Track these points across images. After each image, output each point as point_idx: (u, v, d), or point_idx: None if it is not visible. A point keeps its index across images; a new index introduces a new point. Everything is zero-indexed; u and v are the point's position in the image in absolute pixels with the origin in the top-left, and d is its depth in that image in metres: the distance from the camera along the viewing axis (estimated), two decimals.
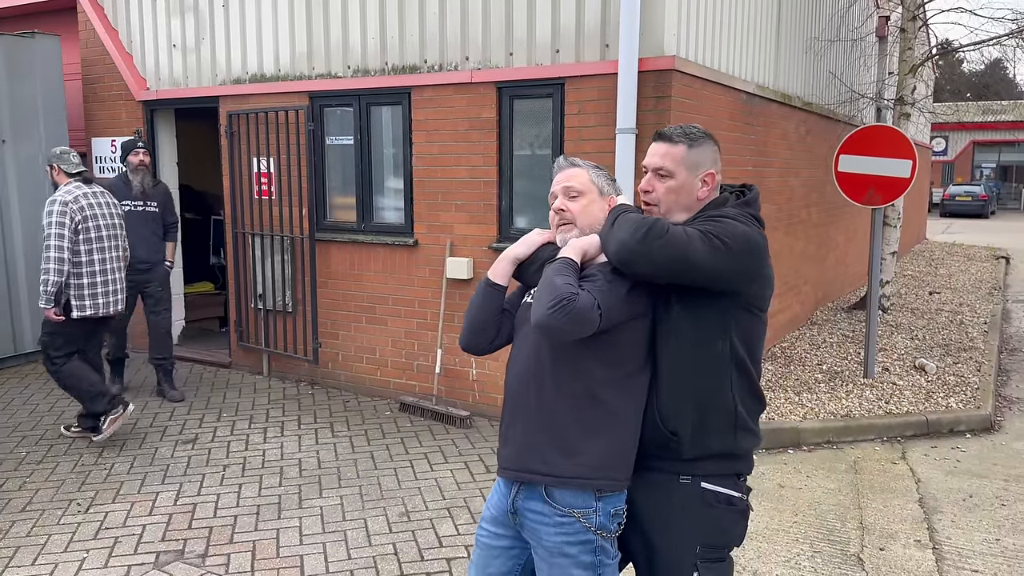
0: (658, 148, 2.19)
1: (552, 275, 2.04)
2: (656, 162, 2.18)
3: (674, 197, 2.16)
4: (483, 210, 5.92)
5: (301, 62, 6.65)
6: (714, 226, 2.03)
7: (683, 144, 2.16)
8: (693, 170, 2.16)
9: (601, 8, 5.34)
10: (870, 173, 6.64)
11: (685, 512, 2.12)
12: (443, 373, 6.19)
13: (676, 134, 2.18)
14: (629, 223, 2.04)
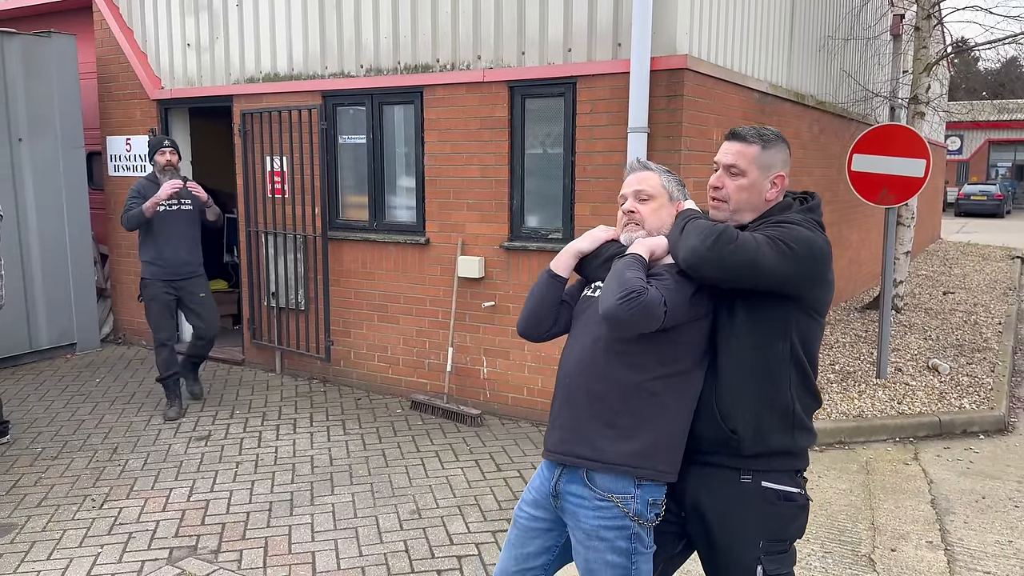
0: (732, 147, 2.26)
1: (623, 268, 2.12)
2: (729, 160, 2.24)
3: (744, 196, 2.23)
4: (494, 209, 5.93)
5: (314, 61, 6.68)
6: (781, 231, 2.09)
7: (757, 144, 2.23)
8: (764, 171, 2.23)
9: (613, 7, 5.34)
10: (884, 172, 6.61)
11: (747, 509, 2.19)
12: (454, 371, 6.20)
13: (751, 134, 2.25)
14: (699, 229, 2.10)
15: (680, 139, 5.19)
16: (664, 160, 5.23)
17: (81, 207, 7.92)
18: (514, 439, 5.59)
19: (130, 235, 8.16)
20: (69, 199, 7.79)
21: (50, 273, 7.68)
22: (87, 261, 8.03)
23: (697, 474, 2.25)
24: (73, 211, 7.82)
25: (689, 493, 2.27)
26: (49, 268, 7.67)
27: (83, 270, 7.97)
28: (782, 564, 2.22)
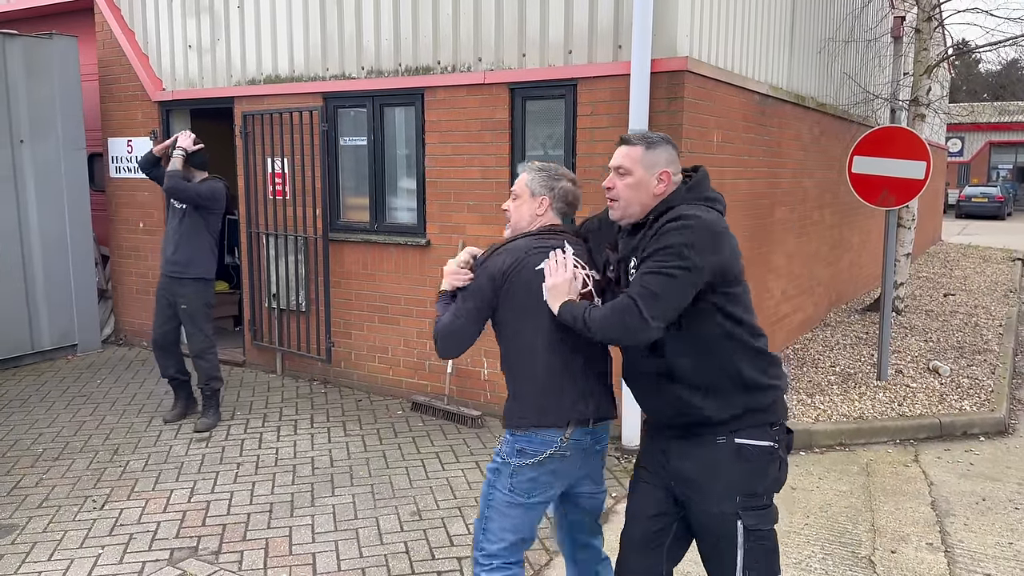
0: (620, 150, 2.50)
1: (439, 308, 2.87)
2: (616, 161, 2.49)
3: (632, 193, 2.45)
4: (495, 211, 5.93)
5: (315, 63, 6.69)
6: (659, 260, 2.29)
7: (640, 146, 2.46)
8: (649, 169, 2.44)
9: (614, 9, 5.35)
10: (884, 174, 6.62)
11: (723, 467, 2.38)
12: (455, 373, 6.21)
13: (636, 137, 2.49)
14: (605, 325, 2.37)
15: (680, 141, 5.19)
16: None
17: (82, 208, 7.93)
18: None
19: (131, 237, 8.19)
20: (70, 200, 7.81)
21: (51, 274, 7.70)
22: (88, 262, 8.04)
23: (677, 448, 2.46)
24: (74, 212, 7.84)
25: (672, 465, 2.47)
26: (50, 269, 7.68)
27: (84, 271, 7.98)
28: (762, 520, 2.38)
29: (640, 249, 2.37)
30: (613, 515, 4.47)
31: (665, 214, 2.37)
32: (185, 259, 5.70)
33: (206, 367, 5.83)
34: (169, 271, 5.75)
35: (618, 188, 2.46)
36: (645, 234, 2.38)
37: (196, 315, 5.76)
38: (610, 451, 5.40)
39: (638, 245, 2.39)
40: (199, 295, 5.77)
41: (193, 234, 5.73)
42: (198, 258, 5.75)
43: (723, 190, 2.69)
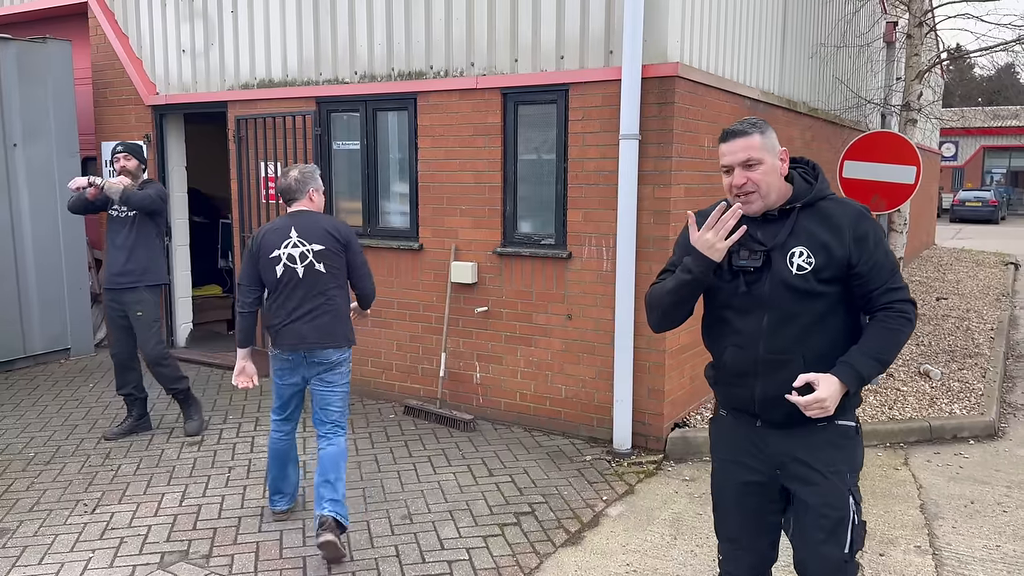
0: (737, 144, 2.48)
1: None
2: (743, 156, 2.46)
3: (771, 178, 2.47)
4: (488, 215, 5.96)
5: (309, 68, 6.71)
6: (878, 250, 2.48)
7: (757, 134, 2.48)
8: (772, 152, 2.49)
9: (605, 14, 5.38)
10: (874, 179, 6.66)
11: (834, 447, 2.50)
12: (447, 377, 6.22)
13: (748, 127, 2.49)
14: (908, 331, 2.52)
15: (671, 146, 5.22)
16: (655, 167, 5.27)
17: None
18: (506, 444, 5.61)
19: None
20: (64, 205, 7.81)
21: (44, 278, 7.70)
22: (81, 266, 8.04)
23: (789, 437, 2.52)
24: (67, 216, 7.83)
25: (779, 451, 2.53)
26: (43, 273, 7.69)
27: (77, 275, 7.98)
28: (859, 493, 2.52)
29: (804, 236, 2.45)
30: (604, 518, 4.49)
31: (823, 201, 2.50)
32: (141, 267, 5.56)
33: (166, 372, 5.69)
34: (120, 283, 5.55)
35: (755, 179, 2.46)
36: (799, 220, 2.47)
37: (151, 322, 5.61)
38: (600, 455, 5.43)
39: (796, 230, 2.46)
40: (155, 302, 5.64)
41: (146, 241, 5.59)
42: (154, 265, 5.65)
43: (715, 195, 2.72)
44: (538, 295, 5.83)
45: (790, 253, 2.43)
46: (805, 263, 2.41)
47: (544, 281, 5.79)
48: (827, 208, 2.48)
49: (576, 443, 5.65)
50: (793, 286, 2.41)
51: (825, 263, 2.40)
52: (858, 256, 2.41)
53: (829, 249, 2.41)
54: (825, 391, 2.35)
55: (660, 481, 5.05)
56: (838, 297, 2.45)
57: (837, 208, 2.49)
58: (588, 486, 4.90)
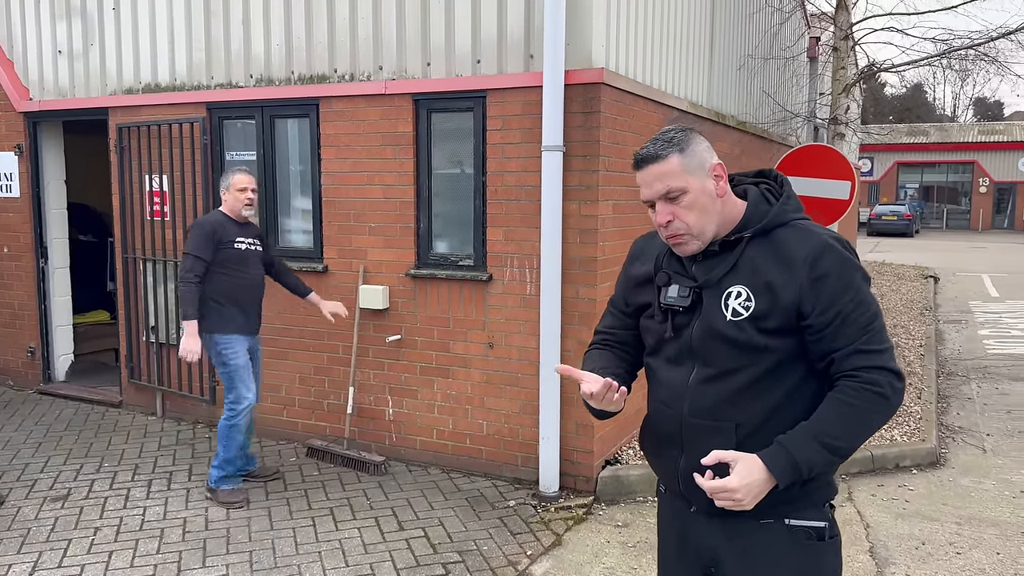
0: (650, 172, 1.89)
1: None
2: (659, 188, 1.89)
3: (700, 212, 1.89)
4: (399, 233, 5.40)
5: (199, 70, 6.04)
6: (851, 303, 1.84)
7: (674, 154, 1.88)
8: (701, 172, 1.89)
9: (525, 17, 4.91)
10: (807, 195, 6.34)
11: (780, 560, 1.87)
12: (356, 413, 5.61)
13: (661, 149, 1.88)
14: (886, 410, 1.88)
15: (598, 159, 4.77)
16: (581, 181, 4.80)
17: None
18: (421, 489, 5.03)
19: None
20: None
21: None
22: None
23: (715, 528, 1.93)
24: None
25: (709, 546, 1.95)
26: None
27: None
28: None
29: (747, 272, 1.86)
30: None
31: (782, 228, 1.88)
32: None
33: None
34: None
35: (680, 216, 1.87)
36: (746, 252, 1.88)
37: None
38: (525, 498, 4.91)
39: (739, 265, 1.88)
40: None
41: None
42: None
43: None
44: (456, 321, 5.29)
45: (726, 293, 1.86)
46: (742, 307, 1.84)
47: (462, 306, 5.25)
48: (783, 238, 1.86)
49: (499, 485, 5.11)
50: (725, 335, 1.84)
51: (768, 308, 1.81)
52: (813, 302, 1.78)
53: (774, 290, 1.81)
54: (738, 479, 1.73)
55: (591, 528, 4.55)
56: (792, 353, 1.83)
57: (795, 237, 1.85)
58: (511, 538, 4.36)
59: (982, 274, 18.26)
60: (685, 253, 1.93)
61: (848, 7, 8.65)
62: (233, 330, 4.74)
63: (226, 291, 4.70)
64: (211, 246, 4.62)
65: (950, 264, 20.26)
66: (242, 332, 4.78)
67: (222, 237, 4.67)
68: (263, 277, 4.98)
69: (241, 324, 4.78)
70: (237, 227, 4.79)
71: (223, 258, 4.68)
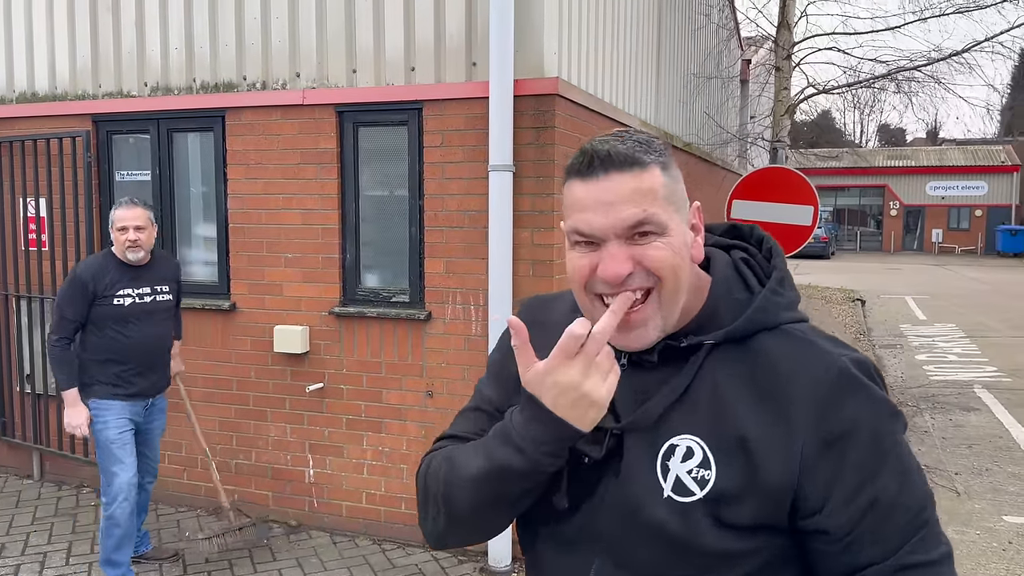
0: (616, 184, 1.06)
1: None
2: (630, 214, 1.05)
3: (676, 273, 1.08)
4: (322, 265, 4.67)
5: (84, 77, 5.19)
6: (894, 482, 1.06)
7: (656, 165, 1.08)
8: (682, 210, 1.12)
9: (466, 19, 4.30)
10: (767, 220, 5.91)
11: None
12: (270, 475, 4.82)
13: (639, 151, 1.07)
14: None
15: (552, 180, 4.17)
16: (534, 206, 4.19)
17: None
18: (348, 566, 4.28)
19: None
20: None
21: None
22: None
23: None
24: None
25: None
26: None
27: None
28: None
29: (705, 412, 1.09)
30: None
31: (768, 334, 1.11)
32: None
33: None
34: None
35: (658, 268, 1.07)
36: (704, 371, 1.11)
37: None
38: (472, 572, 4.22)
39: (691, 395, 1.10)
40: None
41: None
42: None
43: None
44: (389, 367, 4.58)
45: (666, 448, 1.09)
46: (693, 479, 1.07)
47: (397, 349, 4.55)
48: (771, 354, 1.09)
49: (441, 559, 4.40)
50: (658, 524, 1.07)
51: (740, 487, 1.05)
52: (825, 487, 1.03)
53: (751, 454, 1.05)
54: None
55: None
56: (776, 562, 1.08)
57: (792, 356, 1.08)
58: None
59: (905, 296, 18.53)
60: (635, 344, 1.10)
61: (790, 26, 8.39)
62: (107, 394, 3.85)
63: (102, 350, 3.83)
64: (82, 302, 3.75)
65: (870, 286, 20.56)
66: (121, 397, 3.87)
67: (99, 289, 3.77)
68: (165, 333, 4.06)
69: (120, 388, 3.87)
70: (126, 274, 3.86)
71: (97, 315, 3.79)
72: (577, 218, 1.08)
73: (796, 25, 8.54)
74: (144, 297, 3.90)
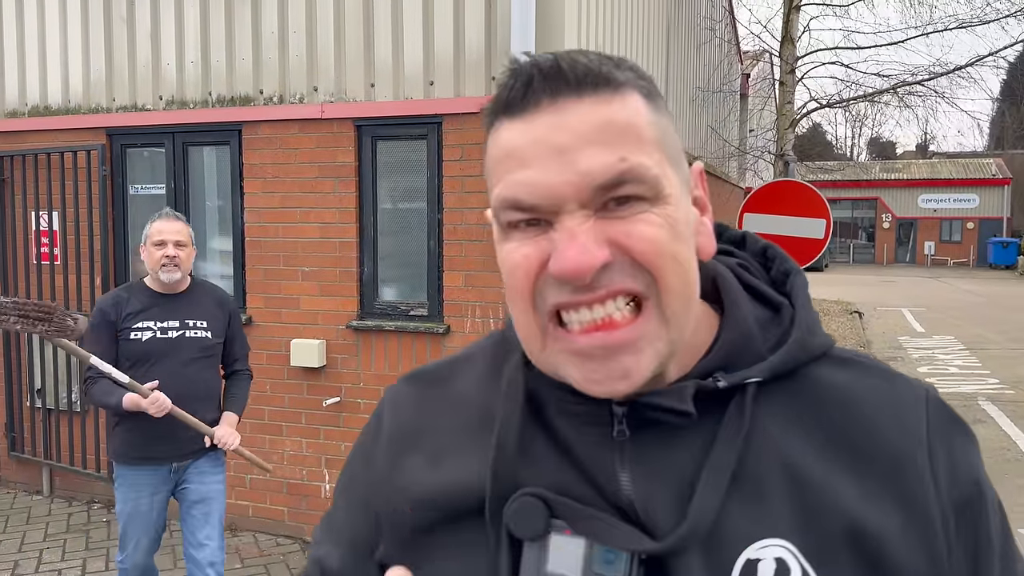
0: (578, 114, 0.65)
1: None
2: (605, 165, 0.63)
3: (680, 265, 0.67)
4: (339, 279, 4.66)
5: (98, 91, 5.19)
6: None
7: (634, 89, 0.67)
8: (680, 171, 0.70)
9: (485, 32, 4.31)
10: (779, 234, 5.93)
11: None
12: (286, 490, 4.79)
13: (605, 64, 0.67)
14: None
15: None
16: None
17: None
18: None
19: None
20: None
21: None
22: None
23: None
24: None
25: None
26: None
27: None
28: None
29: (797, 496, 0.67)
30: None
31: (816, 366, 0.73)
32: None
33: None
34: None
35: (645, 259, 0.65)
36: (761, 428, 0.69)
37: None
38: None
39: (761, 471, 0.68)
40: None
41: None
42: None
43: None
44: None
45: (742, 563, 0.65)
46: None
47: (415, 362, 4.54)
48: (842, 388, 0.72)
49: None
50: None
51: None
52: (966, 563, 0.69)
53: (873, 556, 0.66)
54: None
55: None
56: None
57: (863, 391, 0.72)
58: None
59: (901, 308, 18.61)
60: (621, 386, 0.66)
61: (794, 41, 8.46)
62: (120, 458, 3.19)
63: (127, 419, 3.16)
64: (105, 335, 3.12)
65: (866, 298, 20.64)
66: (142, 463, 3.17)
67: (119, 318, 3.13)
68: (198, 379, 3.21)
69: (133, 450, 3.16)
70: (152, 302, 3.19)
71: (120, 353, 3.12)
72: (510, 181, 0.65)
73: (799, 40, 8.61)
74: (169, 332, 3.17)
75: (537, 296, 0.67)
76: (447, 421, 0.77)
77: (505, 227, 0.68)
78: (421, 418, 0.78)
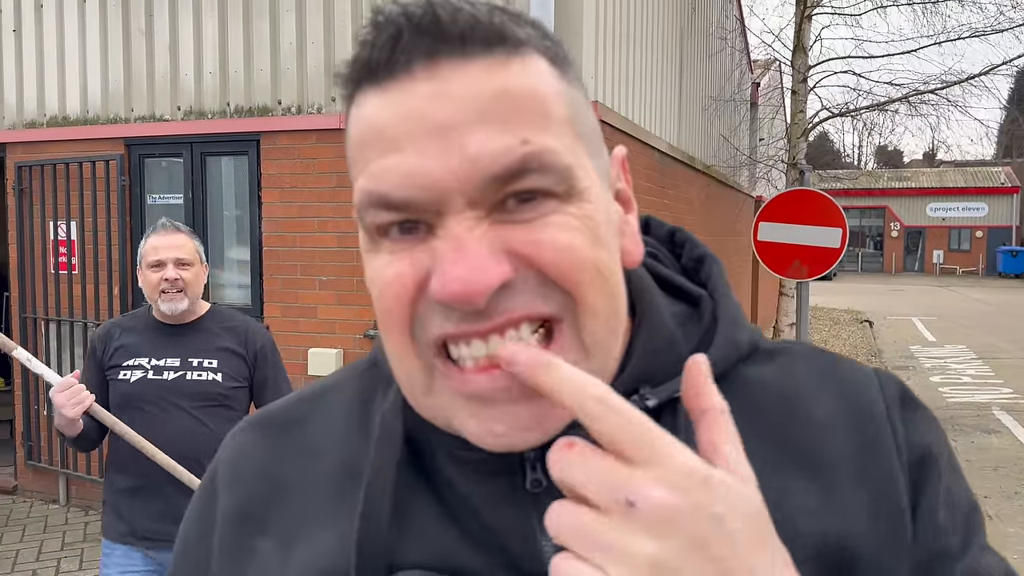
0: (464, 81, 0.48)
1: None
2: (502, 148, 0.47)
3: (603, 276, 0.51)
4: (356, 288, 4.67)
5: (116, 101, 5.22)
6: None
7: (537, 52, 0.51)
8: (599, 155, 0.54)
9: None
10: (794, 243, 5.93)
11: None
12: None
13: (498, 16, 0.50)
14: None
15: None
16: None
17: None
18: None
19: None
20: None
21: None
22: None
23: None
24: None
25: None
26: None
27: None
28: None
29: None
30: None
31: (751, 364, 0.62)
32: None
33: None
34: None
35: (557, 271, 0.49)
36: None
37: None
38: None
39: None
40: None
41: None
42: None
43: None
44: None
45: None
46: None
47: None
48: (779, 387, 0.61)
49: None
50: None
51: None
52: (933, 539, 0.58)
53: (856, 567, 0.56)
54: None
55: None
56: None
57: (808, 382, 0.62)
58: None
59: (912, 317, 18.55)
60: (534, 434, 0.50)
61: (806, 50, 8.47)
62: (110, 530, 2.49)
63: (111, 453, 2.50)
64: (91, 371, 2.48)
65: (876, 307, 20.58)
66: (124, 538, 2.44)
67: (105, 357, 2.47)
68: (199, 432, 2.38)
69: (121, 521, 2.45)
70: (151, 336, 2.49)
71: (109, 396, 2.43)
72: (375, 170, 0.49)
73: (811, 49, 8.61)
74: (165, 372, 2.42)
75: (416, 325, 0.50)
76: (299, 482, 0.60)
77: (373, 233, 0.50)
78: (267, 483, 0.61)
